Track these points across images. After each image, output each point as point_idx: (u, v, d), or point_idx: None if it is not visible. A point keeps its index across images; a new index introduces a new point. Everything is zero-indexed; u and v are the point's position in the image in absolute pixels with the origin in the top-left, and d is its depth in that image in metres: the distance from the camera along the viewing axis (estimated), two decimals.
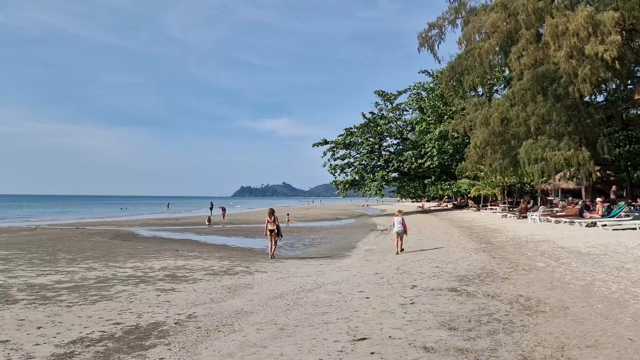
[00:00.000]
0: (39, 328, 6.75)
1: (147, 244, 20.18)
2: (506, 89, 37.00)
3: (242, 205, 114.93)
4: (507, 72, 36.59)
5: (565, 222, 20.92)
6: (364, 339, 5.88)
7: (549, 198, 39.05)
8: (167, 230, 29.95)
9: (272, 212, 16.65)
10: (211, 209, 51.81)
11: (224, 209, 47.63)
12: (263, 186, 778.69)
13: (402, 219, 15.37)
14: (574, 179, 33.47)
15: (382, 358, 5.18)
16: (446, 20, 29.69)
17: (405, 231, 15.39)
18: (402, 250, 15.33)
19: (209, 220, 35.68)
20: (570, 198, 32.56)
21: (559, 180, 36.16)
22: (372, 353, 5.34)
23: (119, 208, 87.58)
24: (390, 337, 5.92)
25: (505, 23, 24.14)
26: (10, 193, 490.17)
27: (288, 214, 41.73)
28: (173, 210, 71.75)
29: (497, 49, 25.50)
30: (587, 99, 24.36)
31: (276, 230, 16.28)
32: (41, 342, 6.07)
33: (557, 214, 24.22)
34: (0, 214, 59.89)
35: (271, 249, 16.22)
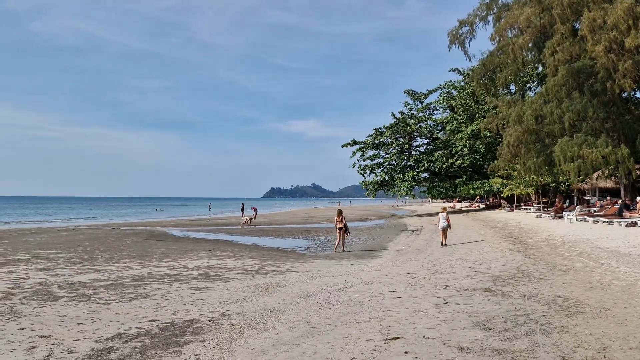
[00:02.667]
0: (79, 324, 6.95)
1: (180, 244, 20.53)
2: (539, 87, 36.18)
3: (288, 206, 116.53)
4: (540, 69, 35.84)
5: (604, 221, 20.28)
6: (398, 338, 5.83)
7: (586, 197, 37.92)
8: (199, 231, 30.42)
9: (340, 213, 18.90)
10: (242, 210, 52.38)
11: (255, 210, 48.07)
12: (292, 187, 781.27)
13: (447, 215, 17.43)
14: (613, 178, 32.41)
15: (416, 357, 5.12)
16: (477, 17, 29.22)
17: (449, 226, 17.40)
18: (445, 244, 16.95)
19: (250, 220, 36.47)
20: (608, 197, 31.54)
21: (597, 179, 35.06)
22: (406, 352, 5.29)
23: (154, 209, 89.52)
24: (424, 336, 5.85)
25: (539, 18, 23.59)
26: (52, 195, 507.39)
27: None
28: (213, 211, 72.80)
29: (530, 44, 24.97)
30: (625, 94, 23.60)
31: (344, 228, 18.54)
32: (81, 338, 6.25)
33: (595, 213, 23.51)
34: (42, 215, 62.07)
35: (341, 244, 18.54)
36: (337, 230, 18.69)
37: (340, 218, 18.57)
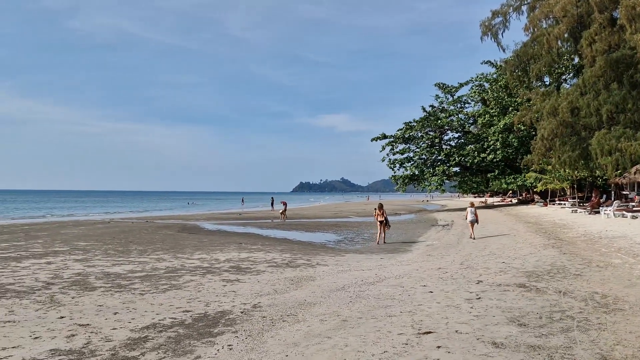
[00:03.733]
0: (115, 314, 7.15)
1: (212, 237, 20.83)
2: (575, 78, 35.13)
3: (322, 200, 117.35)
4: (576, 60, 34.75)
5: None
6: (430, 332, 5.78)
7: (624, 192, 36.68)
8: (230, 224, 30.79)
9: (380, 207, 19.38)
10: (272, 204, 52.82)
11: (285, 204, 48.42)
12: (322, 182, 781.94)
13: (475, 209, 18.15)
14: None
15: (448, 352, 5.07)
16: (511, 7, 28.56)
17: (477, 220, 18.03)
18: (474, 238, 17.40)
19: (283, 213, 36.84)
20: None
21: (635, 173, 33.85)
22: (439, 347, 5.24)
23: (186, 203, 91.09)
24: (456, 331, 5.79)
25: (575, 7, 22.86)
26: (89, 189, 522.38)
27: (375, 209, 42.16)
28: (245, 206, 73.52)
29: (566, 35, 24.23)
30: None
31: (385, 221, 19.08)
32: (118, 327, 6.43)
33: (634, 208, 22.74)
34: (80, 209, 63.98)
35: (380, 236, 19.26)
36: (378, 223, 19.25)
37: (381, 212, 19.10)
